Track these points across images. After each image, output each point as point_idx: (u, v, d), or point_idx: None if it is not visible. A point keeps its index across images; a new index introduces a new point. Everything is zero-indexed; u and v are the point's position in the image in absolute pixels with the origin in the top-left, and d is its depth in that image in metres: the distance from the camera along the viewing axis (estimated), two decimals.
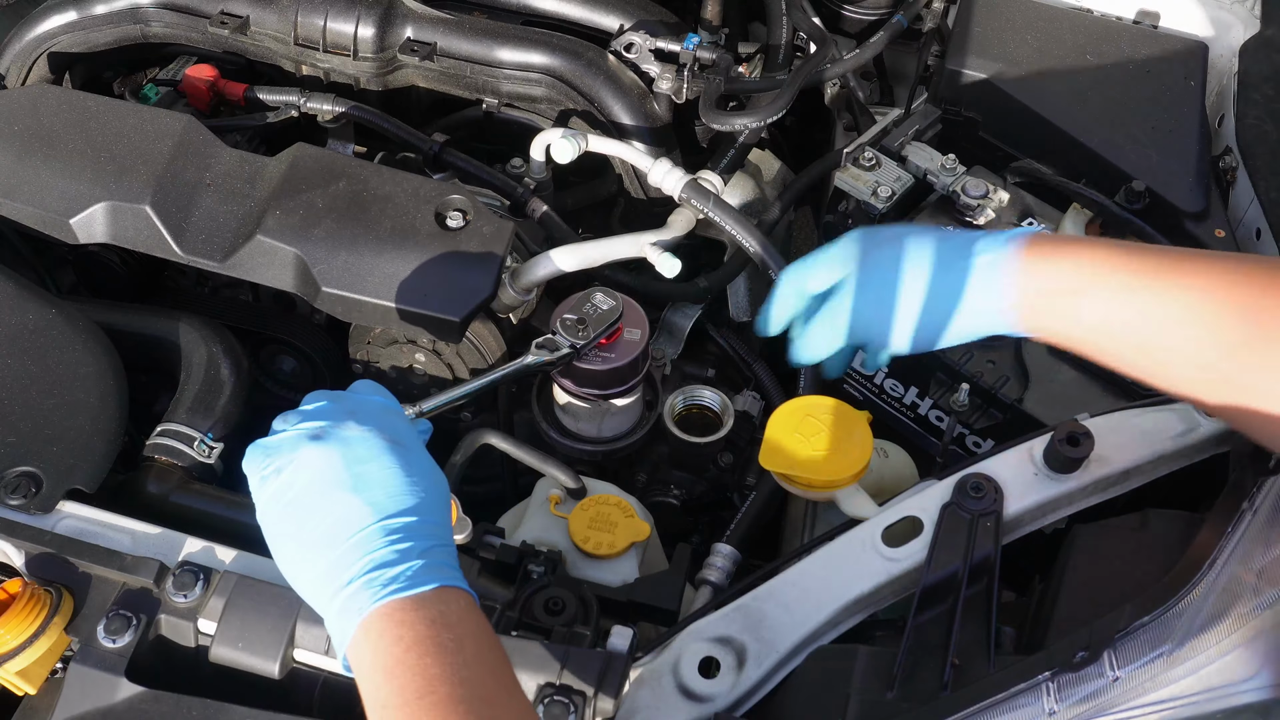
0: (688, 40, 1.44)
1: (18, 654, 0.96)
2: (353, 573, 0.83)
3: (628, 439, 1.29)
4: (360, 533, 0.84)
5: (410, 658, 0.80)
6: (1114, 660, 0.82)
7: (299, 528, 0.86)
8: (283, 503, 0.87)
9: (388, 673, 0.80)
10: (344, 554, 0.83)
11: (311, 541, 0.85)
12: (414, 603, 0.82)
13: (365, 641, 0.82)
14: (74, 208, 1.24)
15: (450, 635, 0.81)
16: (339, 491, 0.85)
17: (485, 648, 0.84)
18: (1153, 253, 0.90)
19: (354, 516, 0.84)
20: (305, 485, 0.86)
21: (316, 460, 0.87)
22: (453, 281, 1.20)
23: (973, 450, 1.26)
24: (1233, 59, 1.47)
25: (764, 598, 0.99)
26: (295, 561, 0.87)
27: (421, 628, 0.81)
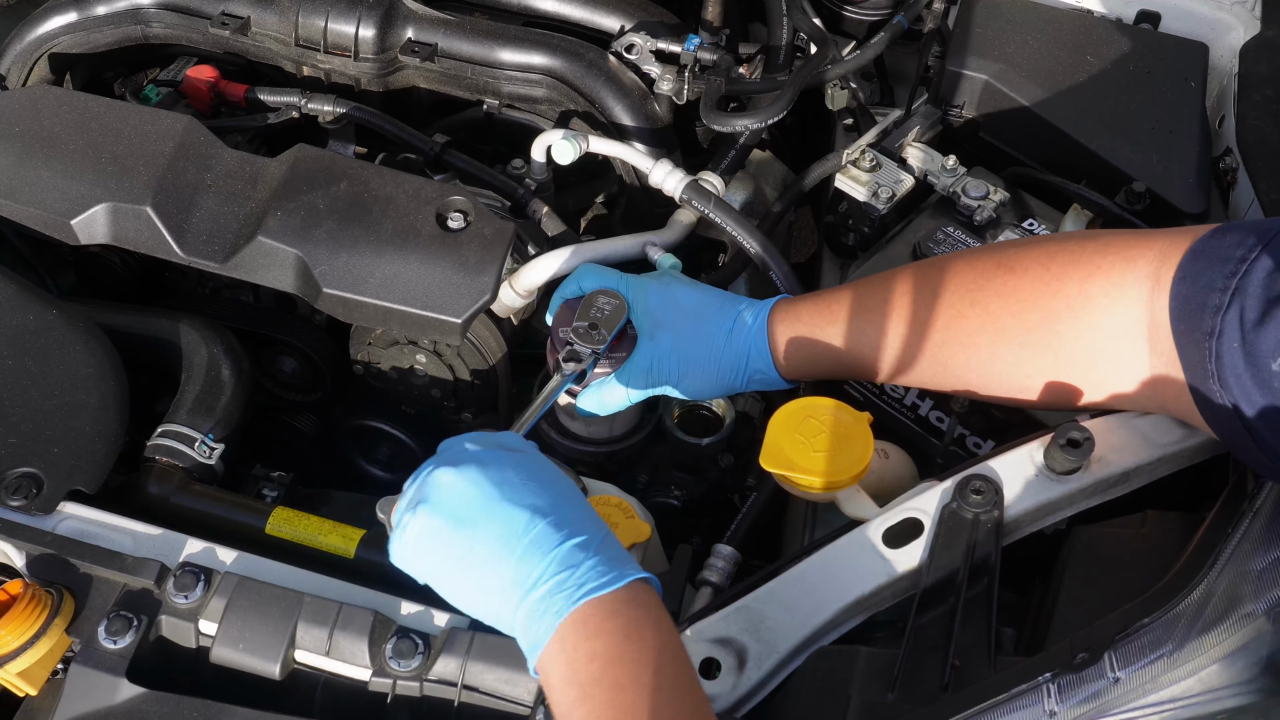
0: (688, 41, 1.44)
1: (18, 655, 0.96)
2: (537, 575, 0.82)
3: (629, 440, 1.29)
4: (531, 534, 0.83)
5: (606, 676, 0.79)
6: (1114, 661, 0.82)
7: (462, 549, 0.84)
8: (433, 532, 0.85)
9: (583, 691, 0.79)
10: (522, 559, 0.82)
11: (481, 557, 0.84)
12: (609, 610, 0.81)
13: (559, 652, 0.81)
14: (75, 209, 1.24)
15: (646, 650, 0.81)
16: (489, 503, 0.84)
17: (679, 662, 0.83)
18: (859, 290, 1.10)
19: (517, 521, 0.84)
20: (452, 508, 0.85)
21: (456, 482, 0.86)
22: (454, 283, 1.20)
23: (973, 451, 1.26)
24: (1233, 60, 1.47)
25: (764, 599, 0.99)
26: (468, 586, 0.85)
27: (618, 640, 0.80)
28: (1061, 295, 0.98)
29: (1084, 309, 0.97)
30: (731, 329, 1.14)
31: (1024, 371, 1.02)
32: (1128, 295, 0.94)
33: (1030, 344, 1.00)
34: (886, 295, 1.08)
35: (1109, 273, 0.96)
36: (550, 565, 0.82)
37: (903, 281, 1.08)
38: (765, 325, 1.13)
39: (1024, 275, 1.01)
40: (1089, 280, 0.97)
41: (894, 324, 1.07)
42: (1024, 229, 1.33)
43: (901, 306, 1.06)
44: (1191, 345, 0.89)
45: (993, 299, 1.02)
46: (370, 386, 1.39)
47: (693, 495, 1.34)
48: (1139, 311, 0.94)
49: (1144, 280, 0.93)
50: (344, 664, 0.98)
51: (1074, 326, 0.97)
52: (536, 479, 0.88)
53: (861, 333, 1.09)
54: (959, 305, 1.04)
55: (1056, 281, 0.98)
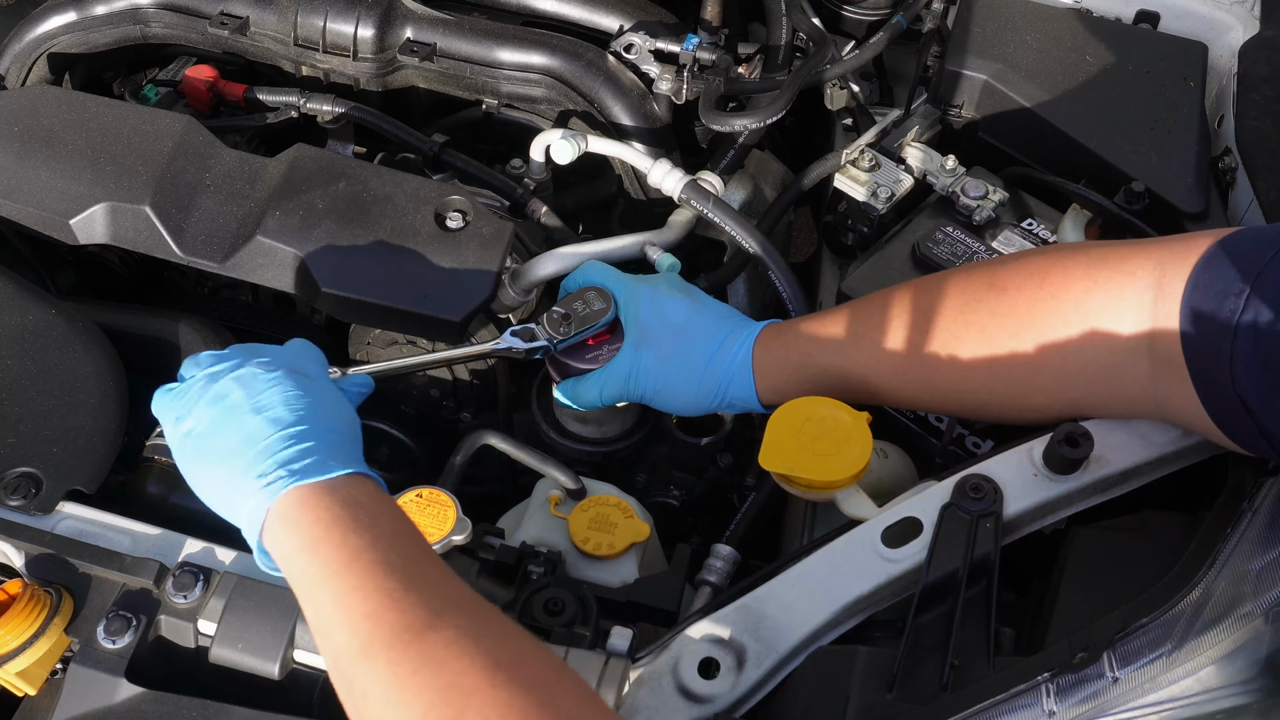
0: (687, 41, 1.44)
1: (17, 655, 0.96)
2: (260, 470, 0.89)
3: (627, 439, 1.29)
4: (265, 440, 0.91)
5: (333, 534, 0.85)
6: (1113, 661, 0.82)
7: (209, 452, 0.93)
8: (195, 435, 0.95)
9: (311, 550, 0.86)
10: (251, 459, 0.90)
11: (219, 459, 0.92)
12: (325, 487, 0.88)
13: (282, 528, 0.88)
14: (74, 208, 1.24)
15: (366, 512, 0.87)
16: (242, 415, 0.93)
17: (401, 522, 0.90)
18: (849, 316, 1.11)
19: (258, 431, 0.91)
20: (212, 417, 0.94)
21: (221, 393, 0.95)
22: (452, 282, 1.20)
23: (972, 451, 1.26)
24: (1232, 60, 1.47)
25: (764, 598, 0.99)
26: (207, 482, 0.94)
27: (337, 509, 0.87)
28: (1059, 313, 0.98)
29: (1084, 324, 0.96)
30: (715, 354, 1.14)
31: (1024, 391, 1.02)
32: (1129, 307, 0.94)
33: (1030, 364, 1.00)
34: (878, 320, 1.08)
35: (1108, 286, 0.95)
36: (272, 465, 0.89)
37: (895, 305, 1.08)
38: (749, 355, 1.13)
39: (1017, 294, 1.00)
40: (1088, 295, 0.96)
41: (887, 351, 1.07)
42: (1023, 229, 1.33)
43: (895, 331, 1.06)
44: (1206, 352, 0.88)
45: (987, 320, 1.02)
46: None
47: (692, 495, 1.34)
48: (1141, 322, 0.93)
49: (1146, 290, 0.93)
50: None
51: (1075, 342, 0.97)
52: (293, 400, 0.94)
53: (852, 360, 1.09)
54: (952, 328, 1.03)
55: (1053, 299, 0.98)
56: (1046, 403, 1.02)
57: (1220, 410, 0.89)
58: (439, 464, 1.22)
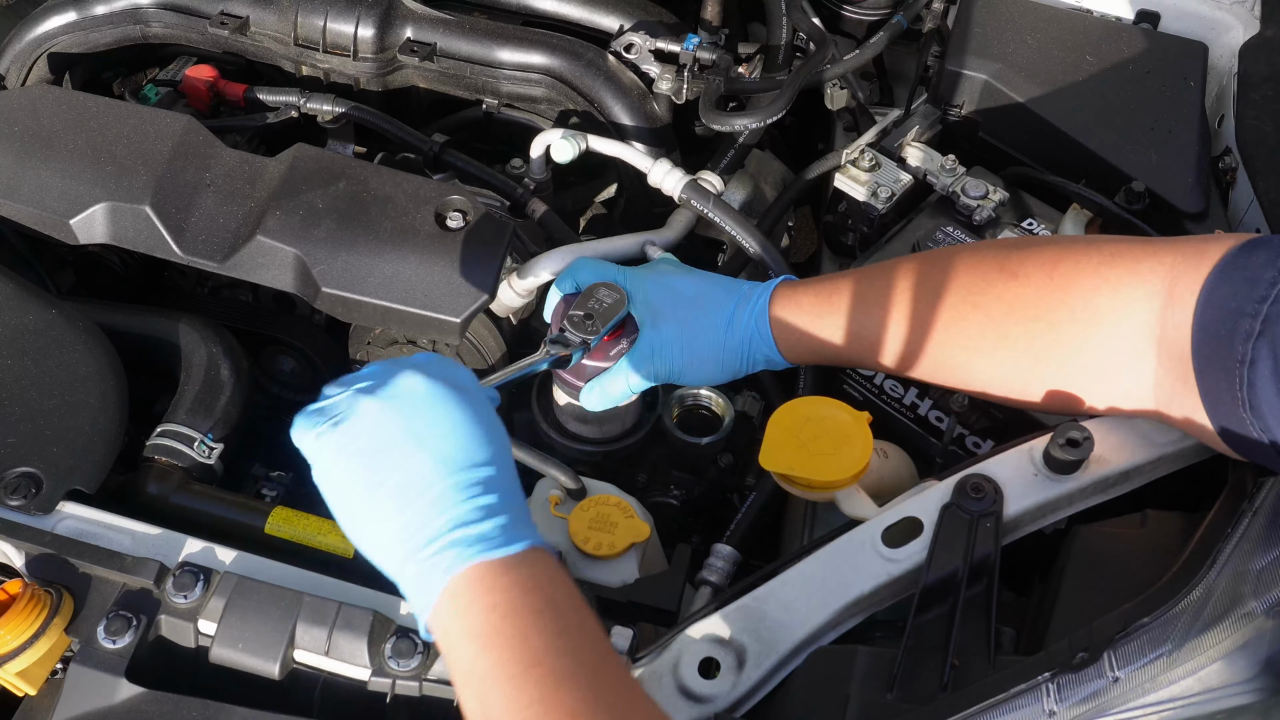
0: (687, 41, 1.44)
1: (18, 655, 0.96)
2: (432, 532, 0.78)
3: (628, 439, 1.29)
4: (435, 488, 0.79)
5: (508, 626, 0.76)
6: (1114, 661, 0.82)
7: (365, 486, 0.81)
8: (345, 458, 0.82)
9: (485, 643, 0.76)
10: (420, 511, 0.79)
11: (381, 499, 0.80)
12: (504, 566, 0.78)
13: (453, 608, 0.77)
14: (74, 208, 1.24)
15: (547, 602, 0.77)
16: (407, 445, 0.80)
17: (582, 614, 0.80)
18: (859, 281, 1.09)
19: (426, 471, 0.80)
20: (367, 440, 0.81)
21: (376, 413, 0.82)
22: (453, 282, 1.20)
23: (972, 451, 1.26)
24: (1232, 60, 1.47)
25: (764, 598, 0.99)
26: (363, 522, 0.82)
27: (516, 594, 0.77)
28: (1066, 306, 0.97)
29: (1090, 321, 0.96)
30: (733, 315, 1.13)
31: (1025, 379, 1.02)
32: (1137, 310, 0.93)
33: (1034, 353, 1.00)
34: (887, 289, 1.07)
35: (1117, 286, 0.95)
36: (446, 524, 0.79)
37: (904, 276, 1.07)
38: (765, 311, 1.12)
39: (1027, 282, 1.00)
40: (1096, 293, 0.96)
41: (894, 320, 1.06)
42: (1023, 228, 1.32)
43: (902, 303, 1.05)
44: (1218, 371, 0.87)
45: (995, 304, 1.01)
46: None
47: (692, 495, 1.34)
48: (1148, 326, 0.93)
49: (1155, 296, 0.92)
50: (343, 664, 0.98)
51: (1080, 338, 0.97)
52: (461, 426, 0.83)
53: (862, 325, 1.08)
54: (960, 308, 1.03)
55: (1061, 291, 0.97)
56: (1046, 393, 1.01)
57: (1227, 427, 0.88)
58: None
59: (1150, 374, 0.94)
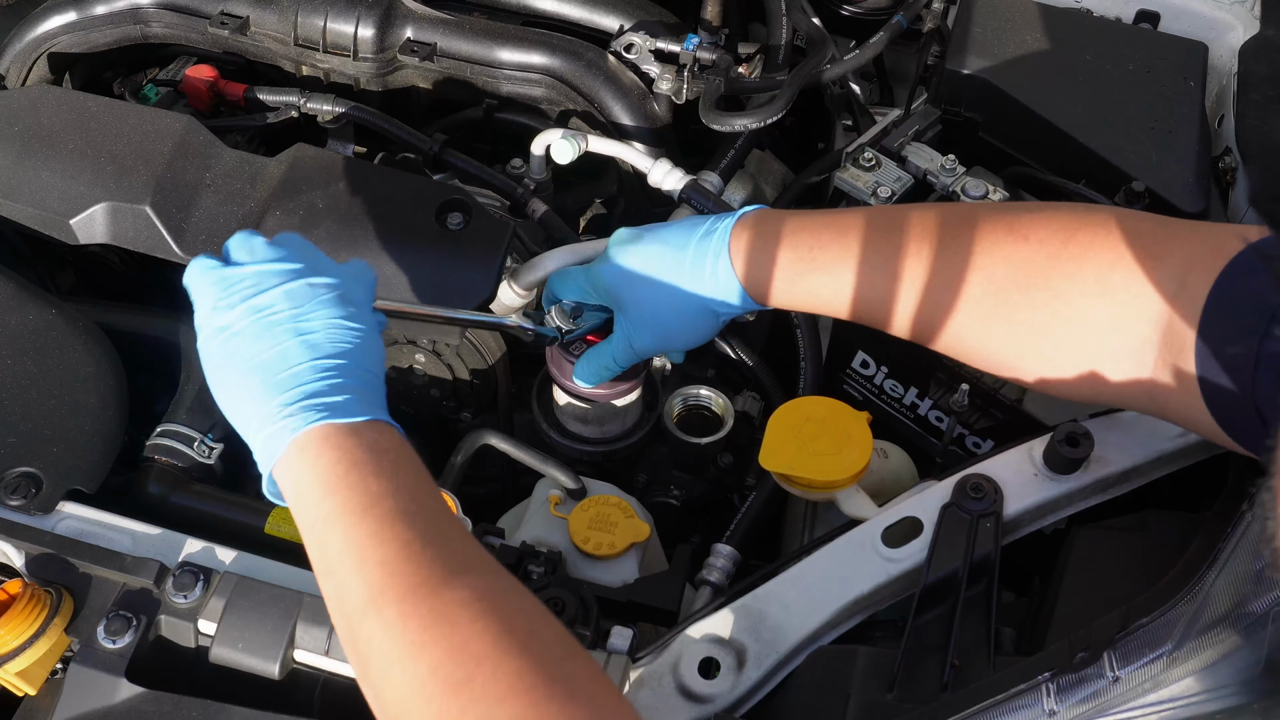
0: (688, 41, 1.44)
1: (18, 655, 0.96)
2: (287, 398, 0.87)
3: (628, 439, 1.29)
4: (298, 367, 0.88)
5: (352, 476, 0.83)
6: (1114, 661, 0.82)
7: (239, 357, 0.90)
8: (229, 333, 0.91)
9: (328, 489, 0.83)
10: (280, 382, 0.87)
11: (247, 369, 0.89)
12: (350, 428, 0.86)
13: (300, 460, 0.85)
14: (74, 208, 1.24)
15: (389, 460, 0.85)
16: (281, 332, 0.90)
17: (422, 474, 0.87)
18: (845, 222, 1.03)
19: (294, 354, 0.89)
20: (251, 323, 0.90)
21: (266, 303, 0.91)
22: (452, 281, 1.20)
23: (972, 451, 1.26)
24: (1232, 59, 1.47)
25: (764, 598, 0.99)
26: (229, 387, 0.91)
27: (360, 451, 0.85)
28: (1077, 278, 0.92)
29: (1100, 297, 0.91)
30: (691, 275, 1.07)
31: (1020, 351, 0.96)
32: (1149, 295, 0.89)
33: (1033, 324, 0.94)
34: (883, 242, 1.00)
35: (1132, 266, 0.90)
36: (298, 394, 0.87)
37: (900, 224, 1.00)
38: (728, 260, 1.05)
39: (1039, 248, 0.94)
40: (1110, 269, 0.91)
41: (885, 274, 0.99)
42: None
43: (896, 255, 0.99)
44: (1226, 371, 0.84)
45: (999, 267, 0.95)
46: None
47: (692, 495, 1.34)
48: (1157, 313, 0.89)
49: (1169, 282, 0.88)
50: (343, 663, 0.98)
51: (1085, 314, 0.92)
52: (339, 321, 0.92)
53: (844, 276, 1.01)
54: (960, 267, 0.96)
55: (1074, 262, 0.92)
56: (1040, 368, 0.96)
57: (1236, 427, 0.86)
58: (439, 464, 1.22)
59: (1151, 362, 0.90)
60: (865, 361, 1.31)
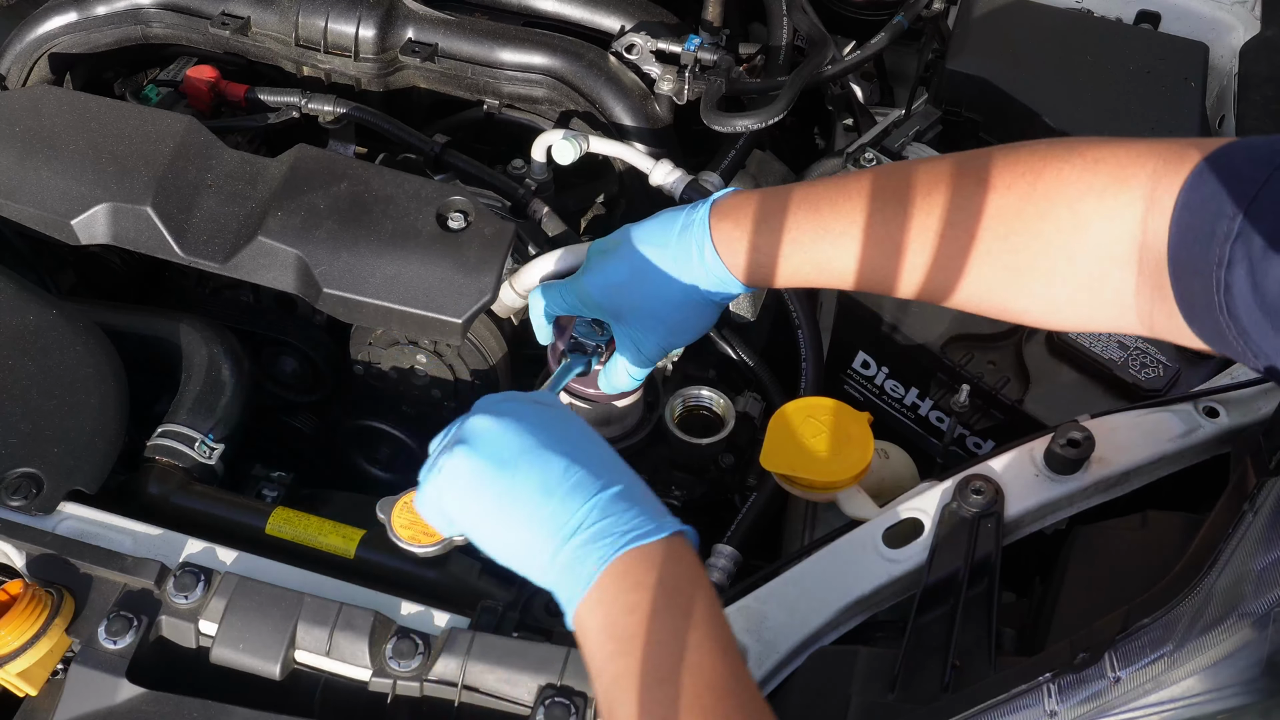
0: (689, 41, 1.44)
1: (19, 655, 0.96)
2: (579, 519, 0.82)
3: (628, 440, 1.29)
4: (572, 479, 0.84)
5: (643, 632, 0.79)
6: (1115, 661, 0.82)
7: (501, 491, 0.85)
8: (472, 473, 0.86)
9: (620, 647, 0.79)
10: (564, 501, 0.83)
11: (522, 501, 0.84)
12: (649, 561, 0.82)
13: (599, 605, 0.81)
14: (75, 209, 1.24)
15: (682, 612, 0.81)
16: (531, 450, 0.85)
17: (714, 616, 0.83)
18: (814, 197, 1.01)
19: (557, 467, 0.84)
20: (493, 451, 0.86)
21: (496, 427, 0.88)
22: (454, 283, 1.20)
23: (973, 451, 1.26)
24: (1233, 60, 1.47)
25: (765, 599, 0.99)
26: (506, 529, 0.86)
27: (658, 595, 0.81)
28: (1050, 216, 0.93)
29: (1074, 231, 0.92)
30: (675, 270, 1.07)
31: (1007, 294, 0.97)
32: (1121, 216, 0.90)
33: (1015, 266, 0.95)
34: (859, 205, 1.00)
35: (1102, 194, 0.91)
36: (591, 511, 0.83)
37: (876, 189, 1.00)
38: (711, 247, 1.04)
39: (1008, 194, 0.95)
40: (1080, 201, 0.92)
41: (866, 240, 0.99)
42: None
43: (874, 220, 0.99)
44: (1195, 276, 0.85)
45: (974, 220, 0.96)
46: (370, 386, 1.39)
47: (693, 495, 1.34)
48: (1132, 234, 0.90)
49: (1138, 201, 0.89)
50: (344, 664, 0.98)
51: (1064, 249, 0.93)
52: (571, 431, 0.90)
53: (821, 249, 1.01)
54: (938, 225, 0.97)
55: (1045, 201, 0.93)
56: (1028, 306, 0.97)
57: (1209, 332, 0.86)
58: None
59: (1133, 283, 0.91)
60: (866, 362, 1.31)
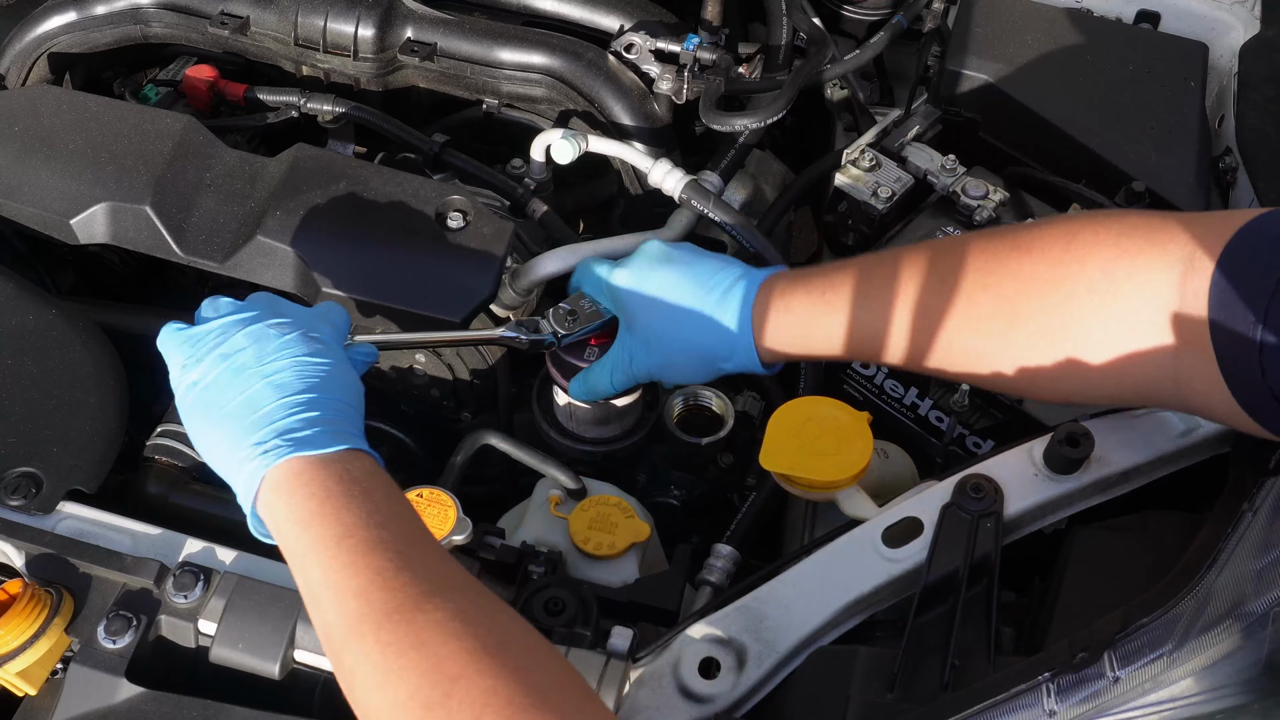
0: (688, 41, 1.44)
1: (18, 655, 0.96)
2: (258, 436, 0.89)
3: (628, 439, 1.29)
4: (267, 407, 0.90)
5: (326, 509, 0.85)
6: (1114, 661, 0.82)
7: (212, 408, 0.92)
8: (200, 387, 0.93)
9: (303, 524, 0.85)
10: (251, 424, 0.89)
11: (221, 417, 0.91)
12: (322, 460, 0.88)
13: (276, 497, 0.87)
14: (74, 208, 1.24)
15: (360, 488, 0.87)
16: (248, 376, 0.92)
17: (396, 500, 0.89)
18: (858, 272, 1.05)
19: (261, 395, 0.91)
20: (219, 373, 0.93)
21: (231, 349, 0.94)
22: (453, 282, 1.20)
23: (973, 451, 1.26)
24: (1233, 60, 1.47)
25: (764, 598, 0.98)
26: (207, 438, 0.93)
27: (332, 483, 0.87)
28: (1083, 278, 0.92)
29: (1108, 293, 0.91)
30: (706, 320, 1.09)
31: (1040, 361, 0.96)
32: (1157, 280, 0.89)
33: (1048, 330, 0.95)
34: (891, 278, 1.02)
35: (1136, 257, 0.90)
36: (270, 432, 0.89)
37: (909, 263, 1.02)
38: (748, 322, 1.08)
39: (1041, 257, 0.95)
40: (1114, 263, 0.91)
41: (899, 310, 1.01)
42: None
43: (908, 291, 1.01)
44: (1234, 336, 0.84)
45: (1008, 282, 0.96)
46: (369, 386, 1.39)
47: (692, 495, 1.34)
48: (1168, 298, 0.88)
49: (1175, 264, 0.88)
50: None
51: (1097, 312, 0.92)
52: (306, 358, 0.94)
53: (863, 320, 1.03)
54: (970, 290, 0.98)
55: (1078, 264, 0.93)
56: (1062, 376, 0.96)
57: (1248, 397, 0.85)
58: (439, 464, 1.22)
59: (1170, 349, 0.89)
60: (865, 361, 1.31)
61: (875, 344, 1.04)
